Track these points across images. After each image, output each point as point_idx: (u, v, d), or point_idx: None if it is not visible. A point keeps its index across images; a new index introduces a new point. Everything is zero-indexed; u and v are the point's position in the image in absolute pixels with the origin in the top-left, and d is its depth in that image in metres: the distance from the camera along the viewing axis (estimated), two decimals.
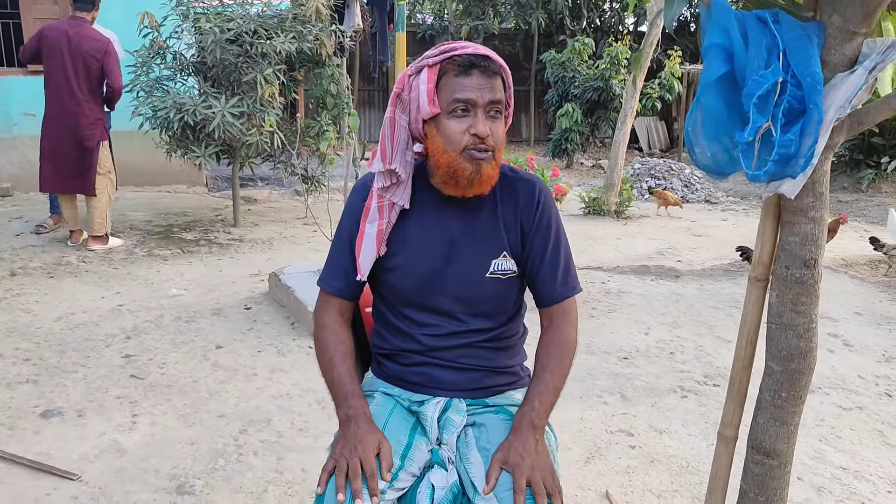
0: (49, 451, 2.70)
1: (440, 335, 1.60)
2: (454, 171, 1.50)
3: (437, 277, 1.58)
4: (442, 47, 1.52)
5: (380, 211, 1.57)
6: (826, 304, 4.79)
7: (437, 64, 1.50)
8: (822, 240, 1.51)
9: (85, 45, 5.26)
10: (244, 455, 2.73)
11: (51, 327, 3.99)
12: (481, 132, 1.47)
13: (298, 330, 4.02)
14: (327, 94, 6.69)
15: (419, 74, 1.52)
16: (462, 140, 1.48)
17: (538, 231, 1.61)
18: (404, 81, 1.54)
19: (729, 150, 1.49)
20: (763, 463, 1.64)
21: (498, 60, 1.53)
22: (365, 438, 1.43)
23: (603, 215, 8.20)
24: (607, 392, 3.38)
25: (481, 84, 1.48)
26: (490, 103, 1.49)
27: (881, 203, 9.24)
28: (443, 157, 1.50)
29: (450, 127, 1.48)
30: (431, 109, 1.49)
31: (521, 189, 1.63)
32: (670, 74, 11.56)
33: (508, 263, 1.60)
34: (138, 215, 6.85)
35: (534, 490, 1.40)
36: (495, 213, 1.61)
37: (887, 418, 3.21)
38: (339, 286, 1.65)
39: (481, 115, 1.48)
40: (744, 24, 1.38)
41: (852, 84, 1.37)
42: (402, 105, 1.55)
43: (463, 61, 1.48)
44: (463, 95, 1.47)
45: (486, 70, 1.48)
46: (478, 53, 1.49)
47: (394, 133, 1.56)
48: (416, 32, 16.00)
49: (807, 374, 1.58)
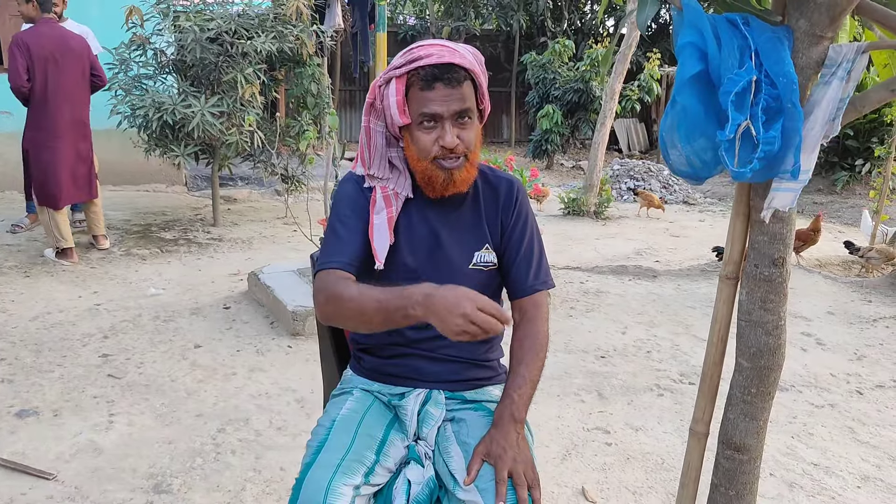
0: (24, 451, 2.69)
1: (422, 327, 1.61)
2: (429, 178, 1.56)
3: (422, 269, 1.61)
4: (408, 55, 1.53)
5: (386, 200, 1.60)
6: (800, 303, 4.86)
7: (403, 75, 1.52)
8: (789, 238, 1.55)
9: (74, 46, 5.11)
10: (222, 454, 2.73)
11: (27, 327, 3.95)
12: (448, 144, 1.51)
13: (277, 329, 4.01)
14: (308, 93, 6.69)
15: (388, 85, 1.55)
16: (431, 150, 1.52)
17: (516, 226, 1.67)
18: (375, 91, 1.58)
19: (703, 152, 1.51)
20: (733, 458, 1.67)
21: (465, 64, 1.51)
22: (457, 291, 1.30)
23: (582, 216, 8.25)
24: (584, 390, 3.42)
25: (446, 96, 1.49)
26: (456, 114, 1.51)
27: (855, 205, 9.38)
28: (417, 164, 1.56)
29: (420, 138, 1.53)
30: (402, 120, 1.53)
31: (501, 187, 1.69)
32: (649, 76, 11.66)
33: (490, 256, 1.65)
34: (116, 214, 6.79)
35: (515, 481, 1.43)
36: (478, 208, 1.67)
37: (857, 415, 3.27)
38: (342, 261, 1.53)
39: (448, 127, 1.51)
40: (715, 26, 1.41)
41: (831, 98, 1.40)
42: (377, 113, 1.60)
43: (426, 75, 1.49)
44: (429, 110, 1.50)
45: (450, 81, 1.49)
46: (442, 63, 1.49)
47: (370, 140, 1.62)
48: (398, 33, 16.00)
49: (775, 371, 1.61)
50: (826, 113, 1.41)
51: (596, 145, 8.27)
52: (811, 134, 1.42)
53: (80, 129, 5.22)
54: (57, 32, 5.10)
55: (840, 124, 1.44)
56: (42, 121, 5.05)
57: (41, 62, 4.97)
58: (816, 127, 1.42)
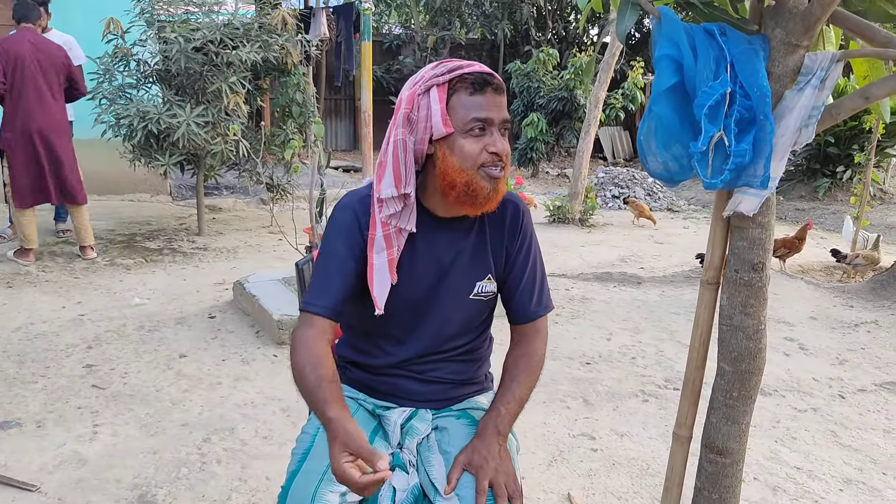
0: (7, 463, 2.66)
1: (413, 350, 1.62)
2: (472, 190, 1.47)
3: (426, 302, 1.59)
4: (448, 65, 1.49)
5: (387, 240, 1.52)
6: (782, 308, 4.91)
7: (446, 83, 1.47)
8: (769, 244, 1.57)
9: (52, 54, 5.18)
10: (207, 463, 2.72)
11: (9, 337, 3.92)
12: (500, 150, 1.47)
13: (263, 338, 4.00)
14: (293, 102, 6.69)
15: (427, 94, 1.47)
16: (479, 158, 1.46)
17: (520, 253, 1.64)
18: (413, 101, 1.48)
19: (679, 158, 1.54)
20: (716, 461, 1.69)
21: (501, 80, 1.52)
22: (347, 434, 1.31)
23: (567, 223, 8.29)
24: (570, 397, 3.43)
25: (495, 102, 1.48)
26: (503, 121, 1.49)
27: (837, 211, 9.48)
28: (459, 176, 1.46)
29: (466, 146, 1.46)
30: (446, 129, 1.46)
31: (506, 210, 1.63)
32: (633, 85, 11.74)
33: (491, 286, 1.63)
34: (101, 224, 6.75)
35: (496, 492, 1.43)
36: (483, 234, 1.62)
37: (840, 419, 3.31)
38: (325, 304, 1.51)
39: (497, 134, 1.48)
40: (692, 37, 1.44)
41: (803, 106, 1.43)
42: (411, 126, 1.49)
43: (476, 79, 1.46)
44: (481, 114, 1.46)
45: (497, 88, 1.48)
46: (486, 72, 1.49)
47: (406, 156, 1.49)
48: (383, 42, 16.04)
49: (756, 375, 1.63)
50: (797, 120, 1.44)
51: (580, 153, 8.32)
52: (781, 140, 1.45)
53: (56, 133, 5.23)
54: (34, 39, 5.19)
55: (814, 132, 1.47)
56: (15, 122, 5.15)
57: (17, 66, 5.08)
58: (787, 133, 1.45)
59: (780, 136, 1.45)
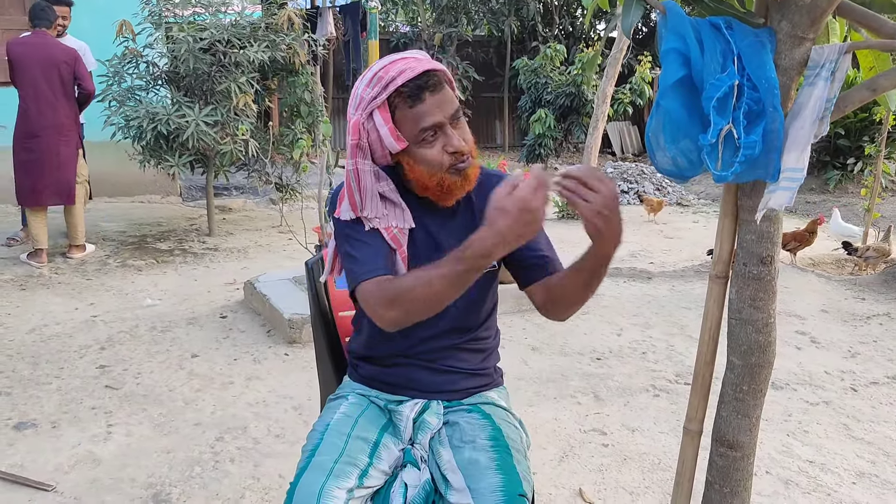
0: (23, 464, 2.69)
1: (423, 338, 1.62)
2: (446, 187, 1.51)
3: None
4: (378, 81, 1.46)
5: (394, 240, 1.55)
6: (793, 302, 4.89)
7: (384, 102, 1.46)
8: (777, 237, 1.57)
9: (56, 54, 5.25)
10: (221, 462, 2.74)
11: (23, 339, 3.96)
12: (458, 147, 1.48)
13: (274, 337, 4.02)
14: (301, 102, 6.71)
15: (371, 118, 1.48)
16: (444, 161, 1.48)
17: None
18: (358, 130, 1.49)
19: (688, 153, 1.54)
20: (727, 455, 1.68)
21: (437, 68, 1.49)
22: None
23: (576, 219, 8.25)
24: (581, 392, 3.43)
25: (437, 102, 1.46)
26: (452, 116, 1.49)
27: (848, 203, 9.42)
28: (430, 180, 1.50)
29: (426, 155, 1.47)
30: (401, 145, 1.47)
31: (491, 184, 1.61)
32: (641, 79, 11.72)
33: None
34: (112, 226, 6.80)
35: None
36: (471, 210, 1.63)
37: (852, 412, 3.30)
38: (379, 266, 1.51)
39: (450, 131, 1.48)
40: (698, 31, 1.44)
41: (818, 98, 1.43)
42: (363, 153, 1.51)
43: (411, 91, 1.44)
44: (428, 122, 1.45)
45: (434, 88, 1.46)
46: (418, 73, 1.45)
47: (360, 182, 1.52)
48: (390, 40, 16.02)
49: (766, 368, 1.63)
50: (814, 112, 1.44)
51: (589, 149, 8.30)
52: (801, 133, 1.44)
53: (60, 134, 5.30)
54: (40, 41, 5.26)
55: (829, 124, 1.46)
56: (25, 124, 5.27)
57: (25, 68, 5.19)
58: (806, 126, 1.44)
59: (799, 129, 1.44)
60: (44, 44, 5.26)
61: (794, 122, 1.44)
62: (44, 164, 5.29)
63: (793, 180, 1.45)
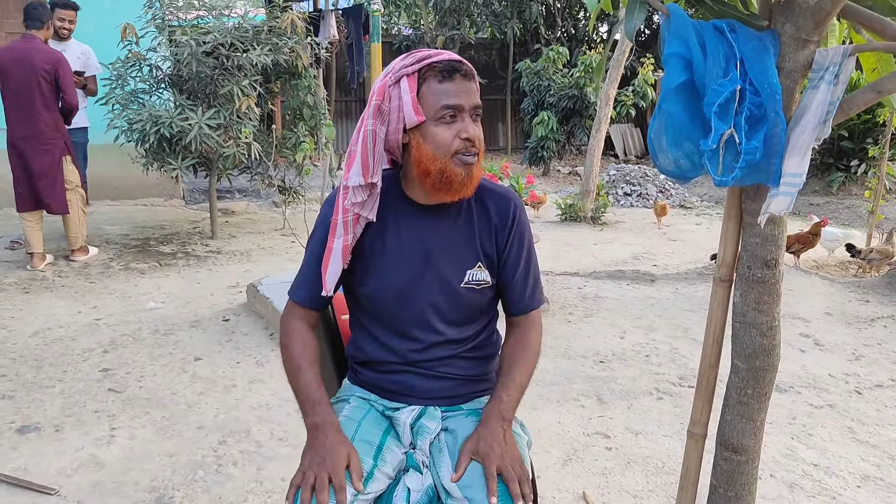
0: (26, 467, 2.69)
1: (418, 346, 1.62)
2: (447, 177, 1.50)
3: (413, 288, 1.59)
4: (417, 55, 1.52)
5: (345, 226, 1.56)
6: (797, 304, 4.88)
7: (415, 72, 1.50)
8: (781, 240, 1.57)
9: (36, 61, 5.11)
10: (224, 466, 2.73)
11: (27, 343, 3.96)
12: (472, 135, 1.50)
13: (277, 340, 4.00)
14: (304, 105, 6.72)
15: (398, 84, 1.50)
16: (453, 145, 1.49)
17: (513, 247, 1.64)
18: (384, 92, 1.51)
19: (691, 155, 1.54)
20: (731, 459, 1.68)
21: (470, 65, 1.55)
22: (333, 449, 1.43)
23: (579, 221, 8.27)
24: (584, 395, 3.43)
25: (465, 89, 1.50)
26: (474, 107, 1.52)
27: (851, 206, 9.42)
28: (433, 163, 1.49)
29: (439, 133, 1.49)
30: (418, 118, 1.49)
31: (495, 202, 1.65)
32: (643, 81, 11.71)
33: (483, 274, 1.62)
34: (115, 229, 6.81)
35: (505, 477, 1.44)
36: (470, 223, 1.62)
37: (857, 415, 3.28)
38: (305, 296, 1.66)
39: (469, 120, 1.50)
40: (701, 34, 1.44)
41: (821, 102, 1.42)
42: (382, 117, 1.52)
43: (444, 67, 1.49)
44: (451, 101, 1.48)
45: (466, 75, 1.51)
46: (454, 59, 1.52)
47: (375, 146, 1.52)
48: (392, 43, 16.04)
49: (771, 371, 1.62)
50: (816, 116, 1.43)
51: (591, 151, 8.30)
52: (802, 137, 1.44)
53: (39, 143, 5.21)
54: (24, 46, 5.17)
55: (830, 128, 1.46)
56: (8, 132, 5.26)
57: (6, 76, 5.15)
58: (807, 131, 1.44)
59: (801, 133, 1.43)
60: (26, 49, 5.14)
61: (796, 128, 1.43)
62: (24, 172, 5.24)
63: (792, 185, 1.45)
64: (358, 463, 1.45)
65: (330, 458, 1.42)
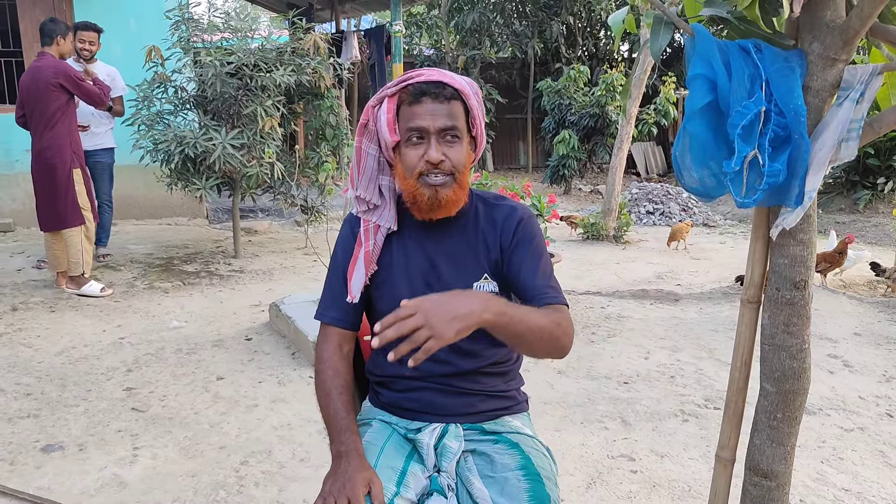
0: (50, 486, 2.70)
1: (433, 360, 1.60)
2: (414, 197, 1.55)
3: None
4: (404, 75, 1.57)
5: (366, 234, 1.63)
6: (825, 325, 4.80)
7: (395, 94, 1.55)
8: (811, 261, 1.54)
9: (44, 76, 5.10)
10: (245, 486, 2.73)
11: (52, 361, 4.00)
12: (432, 158, 1.50)
13: (299, 360, 4.02)
14: (326, 125, 6.77)
15: (381, 105, 1.57)
16: (417, 166, 1.52)
17: (517, 248, 1.60)
18: (369, 112, 1.59)
19: (716, 174, 1.52)
20: (761, 484, 1.64)
21: (455, 84, 1.53)
22: (354, 476, 1.42)
23: (601, 240, 8.22)
24: (608, 417, 3.38)
25: (433, 111, 1.51)
26: (442, 130, 1.51)
27: (878, 224, 9.27)
28: (404, 183, 1.56)
29: (407, 154, 1.54)
30: (392, 138, 1.54)
31: (502, 214, 1.65)
32: (665, 100, 11.67)
33: (490, 285, 1.62)
34: (139, 248, 6.88)
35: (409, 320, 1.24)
36: (476, 236, 1.64)
37: (889, 439, 3.21)
38: (336, 316, 1.67)
39: (434, 142, 1.51)
40: (727, 54, 1.42)
41: (842, 119, 1.41)
42: (370, 135, 1.60)
43: (414, 90, 1.52)
44: (415, 123, 1.51)
45: (437, 96, 1.51)
46: (431, 80, 1.52)
47: (360, 161, 1.62)
48: (414, 63, 16.17)
49: (801, 395, 1.59)
50: (835, 134, 1.41)
51: (613, 169, 8.27)
52: (819, 154, 1.42)
53: (42, 160, 5.19)
54: (36, 65, 5.18)
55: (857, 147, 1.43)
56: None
57: (22, 97, 5.23)
58: (825, 148, 1.42)
59: (818, 150, 1.42)
60: (37, 67, 5.15)
61: (815, 143, 1.41)
62: (39, 189, 5.26)
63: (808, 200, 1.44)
64: (379, 489, 1.43)
65: (350, 484, 1.41)
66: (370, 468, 1.47)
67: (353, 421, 1.55)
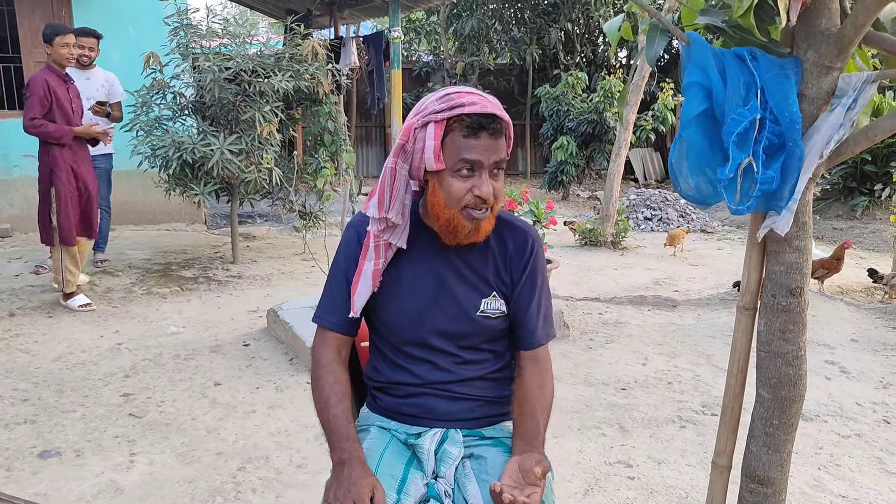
0: (47, 492, 2.70)
1: (435, 368, 1.62)
2: (453, 226, 1.53)
3: (426, 314, 1.61)
4: (449, 101, 1.49)
5: (376, 250, 1.59)
6: (822, 331, 4.80)
7: (443, 120, 1.48)
8: (807, 268, 1.54)
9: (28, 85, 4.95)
10: (242, 493, 2.72)
11: (49, 367, 3.99)
12: (485, 195, 1.49)
13: (297, 366, 4.02)
14: (324, 131, 6.78)
15: (425, 128, 1.50)
16: (464, 199, 1.50)
17: (527, 281, 1.65)
18: (409, 133, 1.52)
19: (712, 181, 1.53)
20: (757, 491, 1.65)
21: (504, 118, 1.52)
22: (358, 482, 1.42)
23: (599, 246, 8.23)
24: (605, 423, 3.38)
25: (489, 146, 1.48)
26: (495, 164, 1.50)
27: (876, 230, 9.29)
28: (443, 211, 1.52)
29: (453, 185, 1.49)
30: (437, 165, 1.49)
31: (514, 236, 1.66)
32: (663, 106, 11.71)
33: (498, 303, 1.63)
34: (137, 254, 6.88)
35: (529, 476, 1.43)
36: (486, 254, 1.64)
37: (886, 445, 3.21)
38: (335, 321, 1.66)
39: (486, 177, 1.49)
40: (722, 62, 1.43)
41: (832, 124, 1.42)
42: (405, 156, 1.54)
43: (472, 123, 1.47)
44: (470, 156, 1.47)
45: (494, 132, 1.48)
46: (486, 113, 1.48)
47: (394, 183, 1.55)
48: (412, 70, 16.21)
49: (797, 402, 1.59)
50: (824, 139, 1.42)
51: (611, 175, 8.29)
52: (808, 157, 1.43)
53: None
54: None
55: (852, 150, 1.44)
56: None
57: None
58: (812, 152, 1.43)
59: (806, 153, 1.43)
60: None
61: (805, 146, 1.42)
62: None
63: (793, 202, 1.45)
64: (382, 496, 1.43)
65: (355, 488, 1.41)
66: (373, 475, 1.47)
67: (353, 429, 1.55)
